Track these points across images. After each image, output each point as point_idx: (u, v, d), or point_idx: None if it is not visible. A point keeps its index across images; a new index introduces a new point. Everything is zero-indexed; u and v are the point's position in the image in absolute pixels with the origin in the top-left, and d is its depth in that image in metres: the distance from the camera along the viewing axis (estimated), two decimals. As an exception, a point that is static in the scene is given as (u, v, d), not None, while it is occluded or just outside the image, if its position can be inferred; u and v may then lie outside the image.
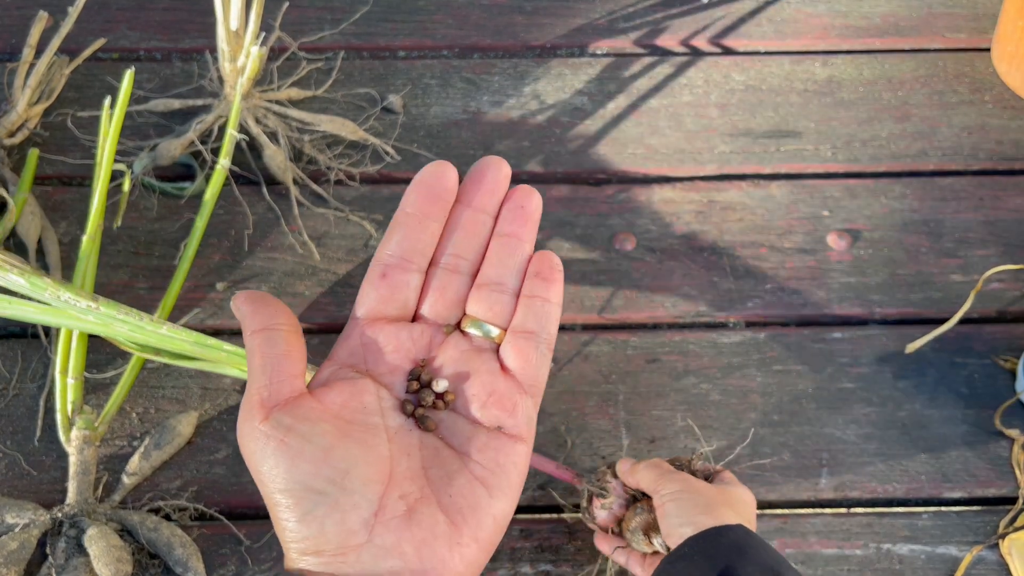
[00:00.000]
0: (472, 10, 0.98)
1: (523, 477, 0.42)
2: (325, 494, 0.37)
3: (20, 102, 0.85)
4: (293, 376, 0.40)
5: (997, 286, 0.82)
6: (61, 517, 0.68)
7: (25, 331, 0.78)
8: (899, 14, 0.99)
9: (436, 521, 0.38)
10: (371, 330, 0.43)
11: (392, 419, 0.41)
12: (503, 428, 0.41)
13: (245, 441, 0.39)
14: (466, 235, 0.44)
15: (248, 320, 0.41)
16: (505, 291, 0.43)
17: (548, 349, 0.43)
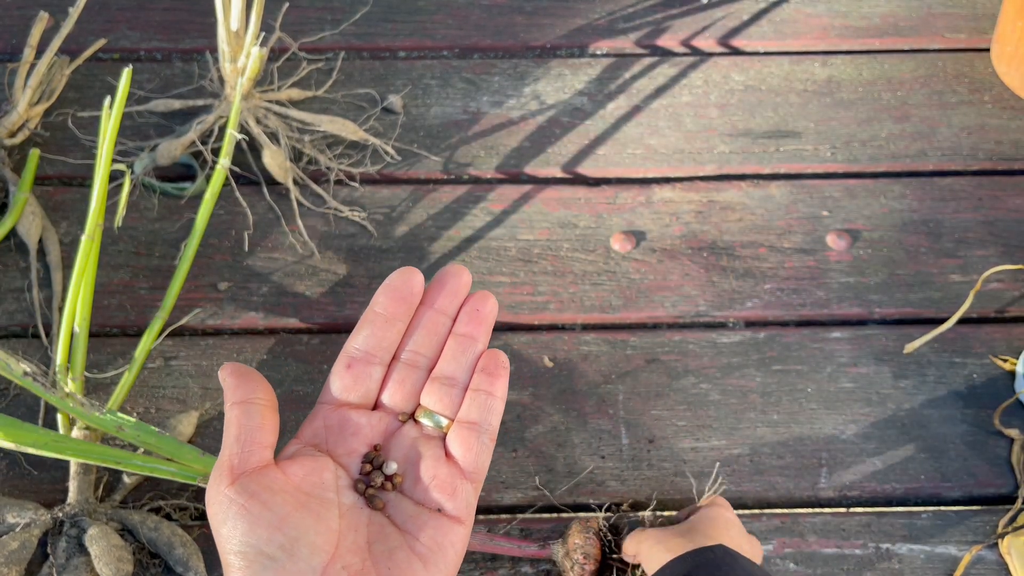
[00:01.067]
0: (472, 10, 0.98)
1: (460, 557, 0.45)
2: (275, 559, 0.41)
3: (21, 102, 0.85)
4: (263, 447, 0.44)
5: (996, 286, 0.82)
6: (62, 517, 0.68)
7: (26, 331, 0.78)
8: (898, 14, 0.99)
9: None
10: (334, 415, 0.47)
11: (346, 496, 0.45)
12: (443, 510, 0.45)
13: (210, 503, 0.42)
14: (426, 334, 0.48)
15: (230, 392, 0.45)
16: (456, 385, 0.48)
17: (490, 439, 0.47)
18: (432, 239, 0.84)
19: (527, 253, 0.83)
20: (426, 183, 0.87)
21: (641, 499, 0.72)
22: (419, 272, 0.48)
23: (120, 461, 0.66)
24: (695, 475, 0.73)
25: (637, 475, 0.73)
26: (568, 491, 0.72)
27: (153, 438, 0.66)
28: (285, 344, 0.78)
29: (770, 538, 0.71)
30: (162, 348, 0.77)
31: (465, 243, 0.84)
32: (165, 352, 0.77)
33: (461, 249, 0.83)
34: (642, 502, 0.72)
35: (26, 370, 0.68)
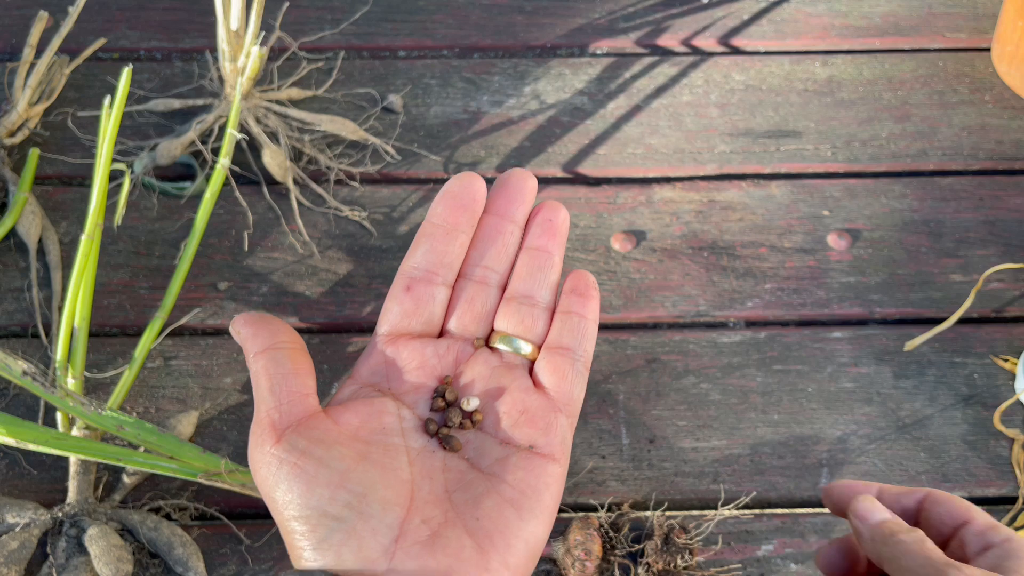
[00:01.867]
0: (472, 10, 0.98)
1: (557, 500, 0.39)
2: (342, 520, 0.35)
3: (20, 102, 0.85)
4: (303, 395, 0.38)
5: (997, 285, 0.82)
6: (62, 516, 0.68)
7: (25, 331, 0.78)
8: (899, 14, 0.99)
9: (462, 546, 0.36)
10: (394, 347, 0.41)
11: (414, 440, 0.39)
12: (535, 448, 0.39)
13: (257, 467, 0.37)
14: (495, 247, 0.42)
15: (249, 342, 0.39)
16: (536, 305, 0.42)
17: (584, 368, 0.41)
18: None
19: (527, 253, 0.83)
20: (426, 183, 0.87)
21: (641, 499, 0.72)
22: (480, 178, 0.42)
23: (121, 458, 0.66)
24: (696, 475, 0.73)
25: (637, 475, 0.73)
26: (568, 491, 0.72)
27: (154, 436, 0.66)
28: (285, 344, 0.78)
29: (770, 538, 0.71)
30: (162, 348, 0.77)
31: (465, 243, 0.84)
32: (165, 352, 0.77)
33: (461, 249, 0.83)
34: (642, 502, 0.72)
35: (25, 369, 0.68)
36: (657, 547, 0.67)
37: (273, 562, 0.69)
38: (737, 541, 0.71)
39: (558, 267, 0.43)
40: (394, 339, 0.41)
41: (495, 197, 0.43)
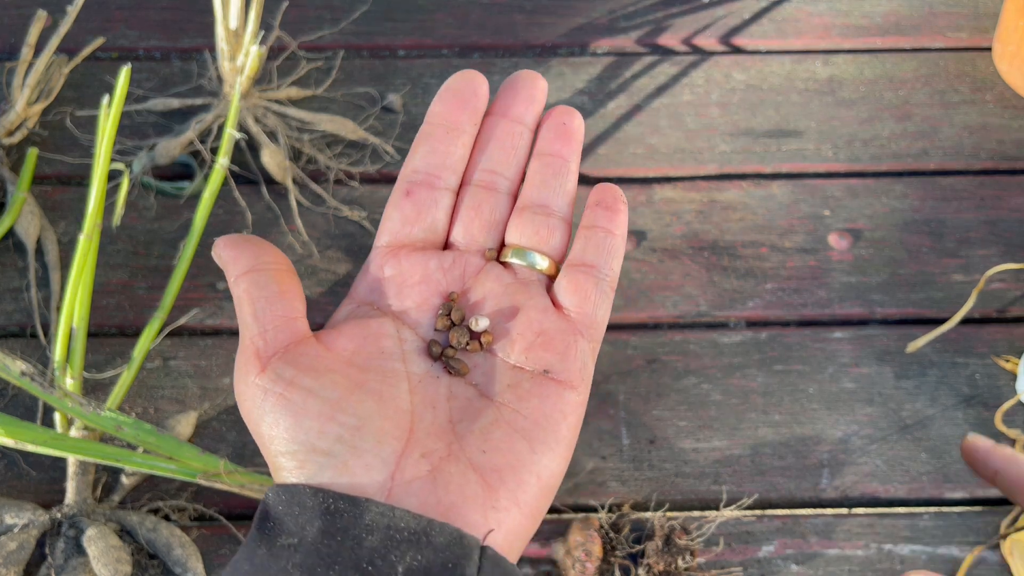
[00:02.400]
0: (472, 9, 0.98)
1: (575, 431, 0.35)
2: (333, 455, 0.32)
3: (19, 101, 0.85)
4: (290, 319, 0.35)
5: (999, 286, 0.82)
6: (60, 517, 0.68)
7: (24, 331, 0.78)
8: (900, 13, 0.98)
9: (467, 481, 0.32)
10: (394, 260, 0.37)
11: (416, 364, 0.35)
12: (551, 373, 0.35)
13: (242, 399, 0.34)
14: (502, 149, 0.38)
15: (231, 265, 0.36)
16: (552, 215, 0.38)
17: (610, 288, 0.37)
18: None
19: (527, 253, 0.83)
20: (426, 182, 0.87)
21: (642, 499, 0.72)
22: (482, 75, 0.38)
23: (119, 459, 0.66)
24: (696, 476, 0.73)
25: (638, 475, 0.73)
26: (568, 491, 0.72)
27: (152, 437, 0.66)
28: (284, 344, 0.78)
29: (771, 539, 0.71)
30: (160, 348, 0.77)
31: (465, 243, 0.83)
32: (163, 352, 0.77)
33: (461, 249, 0.83)
34: (643, 503, 0.72)
35: (24, 370, 0.67)
36: (658, 548, 0.67)
37: (272, 563, 0.69)
38: (738, 542, 0.70)
39: (574, 176, 0.39)
40: (394, 251, 0.37)
41: (501, 97, 0.39)
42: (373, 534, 0.30)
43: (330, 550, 0.30)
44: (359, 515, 0.31)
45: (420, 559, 0.30)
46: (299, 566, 0.30)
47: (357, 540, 0.30)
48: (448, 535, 0.31)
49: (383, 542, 0.30)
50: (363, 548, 0.30)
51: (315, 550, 0.30)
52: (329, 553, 0.30)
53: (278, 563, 0.30)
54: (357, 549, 0.30)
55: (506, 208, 0.38)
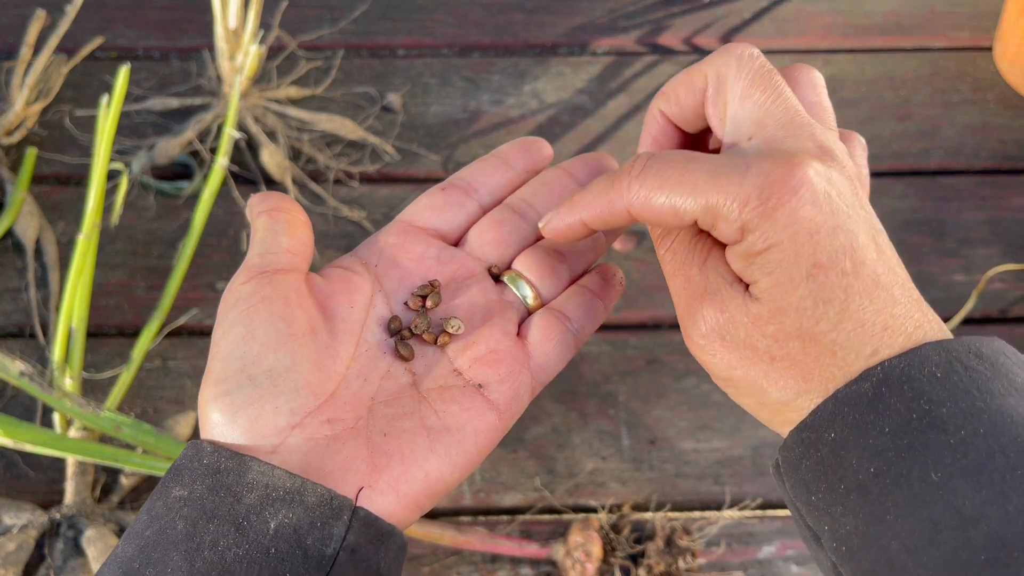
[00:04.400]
0: (472, 8, 0.98)
1: (482, 450, 0.36)
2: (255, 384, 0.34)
3: (18, 101, 0.85)
4: (288, 252, 0.37)
5: (999, 286, 0.82)
6: (59, 518, 0.68)
7: (23, 331, 0.78)
8: (901, 13, 0.98)
9: (356, 456, 0.34)
10: (404, 234, 0.40)
11: (372, 332, 0.37)
12: (484, 389, 0.37)
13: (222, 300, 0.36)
14: (549, 191, 0.41)
15: (256, 207, 0.39)
16: (562, 262, 0.40)
17: (575, 341, 0.39)
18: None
19: (527, 253, 0.83)
20: (426, 182, 0.87)
21: (642, 500, 0.72)
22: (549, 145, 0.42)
23: (119, 459, 0.65)
24: (697, 476, 0.73)
25: (638, 476, 0.73)
26: (568, 492, 0.72)
27: (151, 437, 0.66)
28: (284, 344, 0.78)
29: (772, 540, 0.70)
30: (160, 348, 0.77)
31: (465, 243, 0.83)
32: (163, 352, 0.77)
33: (461, 249, 0.83)
34: (643, 503, 0.72)
35: (23, 370, 0.67)
36: (659, 549, 0.67)
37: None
38: (738, 543, 0.70)
39: (601, 250, 0.41)
40: (408, 229, 0.40)
41: (572, 160, 0.42)
42: (252, 492, 0.32)
43: (213, 504, 0.32)
44: (242, 473, 0.33)
45: (291, 517, 0.32)
46: (185, 518, 0.32)
47: (237, 497, 0.32)
48: (319, 496, 0.33)
49: (260, 500, 0.32)
50: (241, 504, 0.32)
51: (200, 504, 0.32)
52: (211, 507, 0.32)
53: (169, 514, 0.33)
54: (236, 505, 0.32)
55: (524, 236, 0.41)
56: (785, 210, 0.32)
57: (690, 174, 0.33)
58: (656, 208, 0.34)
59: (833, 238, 0.32)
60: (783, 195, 0.32)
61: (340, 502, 0.33)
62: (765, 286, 0.33)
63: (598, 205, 0.36)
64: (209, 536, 0.32)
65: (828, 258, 0.32)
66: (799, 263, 0.32)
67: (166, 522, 0.32)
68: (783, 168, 0.32)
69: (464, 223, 0.41)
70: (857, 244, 0.33)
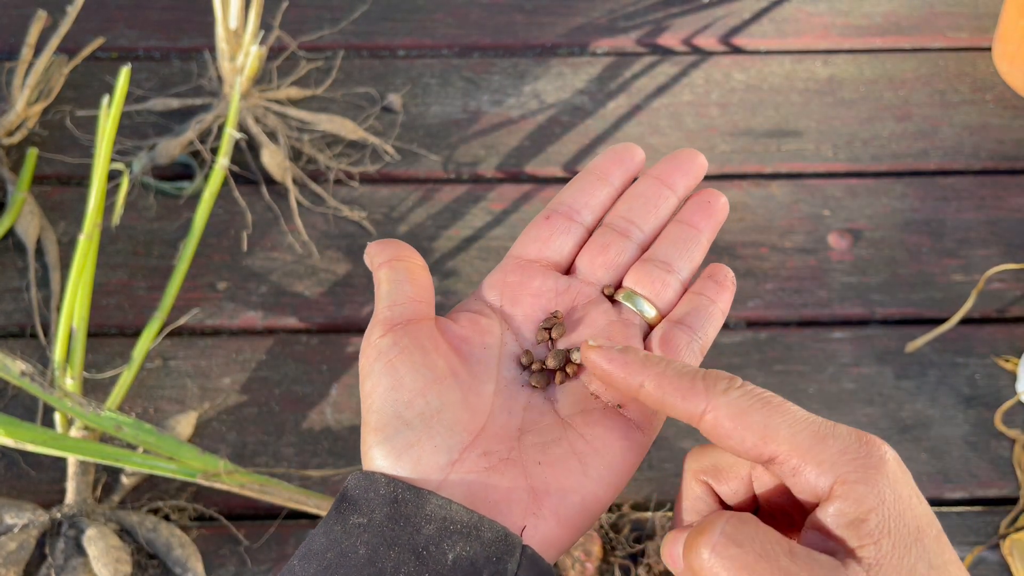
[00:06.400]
0: (472, 9, 0.98)
1: (631, 468, 0.37)
2: (411, 428, 0.36)
3: (19, 101, 0.85)
4: (416, 300, 0.39)
5: (998, 286, 0.82)
6: (60, 517, 0.68)
7: (24, 331, 0.78)
8: (900, 13, 0.98)
9: (516, 486, 0.36)
10: (518, 271, 0.42)
11: (507, 368, 0.39)
12: (624, 409, 0.38)
13: (361, 355, 0.39)
14: (645, 205, 0.42)
15: (376, 257, 0.41)
16: (672, 273, 0.41)
17: (699, 351, 0.40)
18: (432, 238, 0.84)
19: (527, 253, 0.83)
20: (426, 182, 0.87)
21: (642, 499, 0.72)
22: (640, 149, 0.43)
23: (119, 459, 0.66)
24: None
25: (638, 475, 0.73)
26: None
27: (152, 437, 0.66)
28: (284, 344, 0.78)
29: (771, 539, 0.70)
30: (160, 348, 0.77)
31: (465, 242, 0.83)
32: (163, 352, 0.77)
33: (461, 248, 0.83)
34: (643, 503, 0.72)
35: (23, 370, 0.67)
36: (659, 548, 0.67)
37: (272, 563, 0.69)
38: (738, 542, 0.70)
39: (703, 249, 0.42)
40: (522, 264, 0.42)
41: (661, 163, 0.43)
42: (431, 523, 0.34)
43: (393, 533, 0.34)
44: (420, 505, 0.35)
45: (468, 550, 0.34)
46: (366, 543, 0.34)
47: (416, 527, 0.34)
48: (495, 532, 0.34)
49: (439, 531, 0.34)
50: (421, 535, 0.34)
51: (380, 532, 0.34)
52: (392, 536, 0.34)
53: (349, 539, 0.34)
54: (416, 535, 0.34)
55: (631, 256, 0.42)
56: (883, 472, 0.34)
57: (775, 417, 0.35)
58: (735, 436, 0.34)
59: (921, 503, 0.33)
60: (878, 457, 0.34)
61: (513, 539, 0.34)
62: (874, 553, 0.32)
63: (671, 390, 0.34)
64: (391, 563, 0.34)
65: (926, 522, 0.33)
66: (905, 528, 0.33)
67: (347, 546, 0.34)
68: (866, 436, 0.34)
69: (572, 248, 0.42)
70: (931, 512, 0.34)
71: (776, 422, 0.35)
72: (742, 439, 0.34)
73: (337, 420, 0.74)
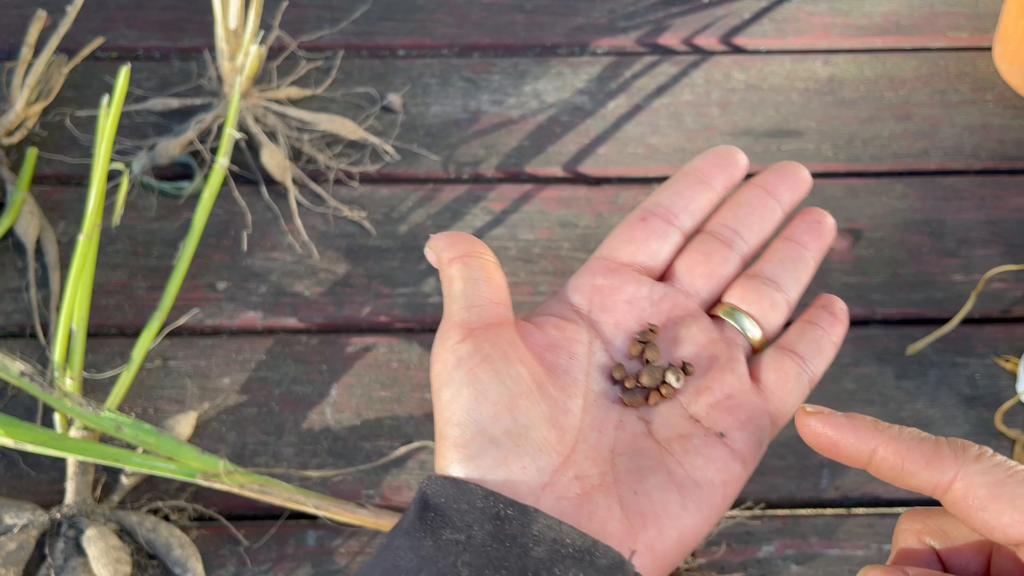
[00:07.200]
0: (472, 9, 0.98)
1: (729, 502, 0.35)
2: (497, 445, 0.33)
3: (18, 101, 0.85)
4: (494, 303, 0.36)
5: (999, 286, 0.82)
6: (60, 518, 0.68)
7: (23, 331, 0.78)
8: (901, 13, 0.98)
9: (610, 516, 0.33)
10: (609, 274, 0.38)
11: (596, 381, 0.36)
12: (726, 438, 0.35)
13: (435, 361, 0.35)
14: (751, 215, 0.40)
15: (445, 252, 0.37)
16: (780, 291, 0.38)
17: (809, 384, 0.38)
18: (432, 239, 0.84)
19: (527, 253, 0.83)
20: (426, 182, 0.87)
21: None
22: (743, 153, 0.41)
23: (119, 459, 0.66)
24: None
25: (638, 476, 0.73)
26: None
27: (152, 437, 0.66)
28: (284, 344, 0.78)
29: (771, 539, 0.70)
30: (160, 348, 0.77)
31: (465, 243, 0.83)
32: (163, 352, 0.77)
33: (461, 249, 0.83)
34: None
35: (23, 370, 0.67)
36: None
37: (272, 563, 0.69)
38: (738, 543, 0.70)
39: (811, 270, 0.40)
40: (613, 266, 0.38)
41: (766, 173, 0.41)
42: (540, 545, 0.31)
43: (498, 554, 0.31)
44: (527, 524, 0.31)
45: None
46: (468, 564, 0.31)
47: (524, 548, 0.31)
48: (611, 558, 0.31)
49: (549, 554, 0.31)
50: (530, 557, 0.31)
51: (484, 552, 0.31)
52: (497, 557, 0.31)
53: (446, 558, 0.31)
54: (524, 557, 0.31)
55: (733, 267, 0.39)
56: None
57: None
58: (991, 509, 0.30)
59: None
60: None
61: (628, 568, 0.32)
62: None
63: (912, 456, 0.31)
64: None
65: None
66: None
67: (445, 566, 0.31)
68: None
69: (669, 255, 0.39)
70: None
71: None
72: (998, 513, 0.30)
73: (337, 420, 0.74)
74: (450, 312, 0.36)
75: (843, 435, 0.32)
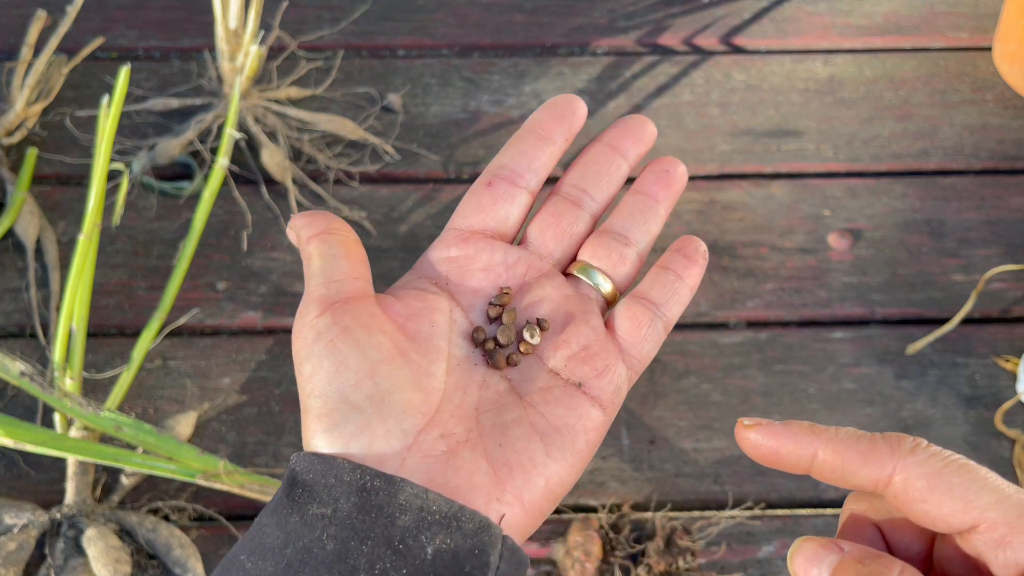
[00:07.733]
0: (472, 9, 0.98)
1: (592, 448, 0.36)
2: (360, 411, 0.33)
3: (18, 101, 0.85)
4: (353, 277, 0.36)
5: (999, 286, 0.82)
6: (60, 518, 0.68)
7: (23, 331, 0.78)
8: (901, 13, 0.98)
9: (477, 469, 0.34)
10: (463, 243, 0.39)
11: (458, 347, 0.37)
12: (584, 387, 0.36)
13: (295, 336, 0.35)
14: (597, 173, 0.40)
15: (304, 230, 0.37)
16: (629, 245, 0.39)
17: (664, 329, 0.39)
18: (432, 238, 0.83)
19: (527, 253, 0.83)
20: (426, 182, 0.87)
21: (642, 500, 0.72)
22: (582, 100, 0.40)
23: (119, 459, 0.66)
24: (696, 476, 0.73)
25: (638, 476, 0.73)
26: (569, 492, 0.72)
27: (152, 437, 0.66)
28: (284, 344, 0.78)
29: (771, 539, 0.70)
30: (160, 348, 0.77)
31: (465, 243, 0.83)
32: (163, 352, 0.77)
33: (461, 249, 0.83)
34: (643, 503, 0.72)
35: (23, 370, 0.67)
36: (659, 548, 0.67)
37: (272, 564, 0.68)
38: (738, 542, 0.70)
39: (661, 220, 0.40)
40: (465, 235, 0.39)
41: (610, 129, 0.41)
42: (406, 514, 0.32)
43: (364, 525, 0.32)
44: (394, 494, 0.32)
45: (449, 542, 0.32)
46: (333, 537, 0.31)
47: (391, 518, 0.32)
48: (477, 522, 0.32)
49: (415, 523, 0.32)
50: (396, 527, 0.32)
51: (349, 524, 0.32)
52: (363, 528, 0.32)
53: (312, 532, 0.32)
54: (390, 527, 0.32)
55: (584, 226, 0.40)
56: None
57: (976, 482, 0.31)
58: (931, 500, 0.31)
59: None
60: None
61: (495, 530, 0.32)
62: None
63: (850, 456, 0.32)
64: (364, 558, 0.31)
65: None
66: None
67: (310, 541, 0.31)
68: None
69: (519, 216, 0.39)
70: None
71: (978, 487, 0.31)
72: (938, 504, 0.31)
73: (337, 420, 0.74)
74: (309, 288, 0.36)
75: (782, 443, 0.33)
